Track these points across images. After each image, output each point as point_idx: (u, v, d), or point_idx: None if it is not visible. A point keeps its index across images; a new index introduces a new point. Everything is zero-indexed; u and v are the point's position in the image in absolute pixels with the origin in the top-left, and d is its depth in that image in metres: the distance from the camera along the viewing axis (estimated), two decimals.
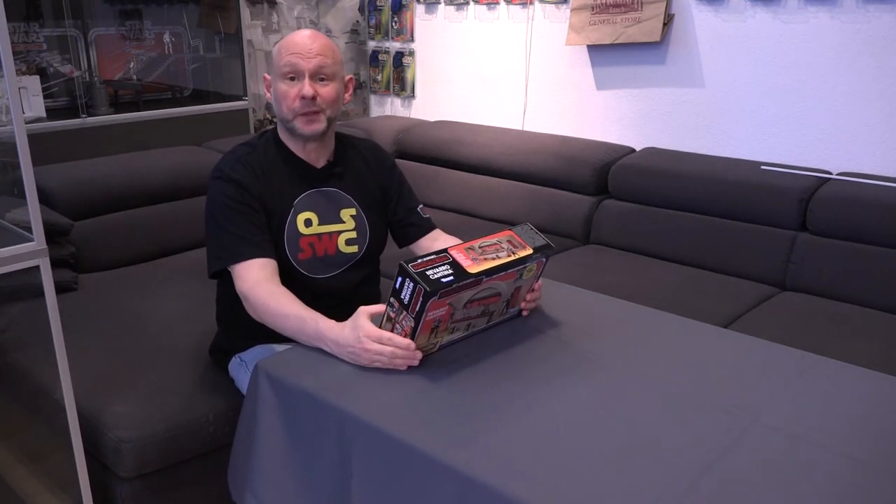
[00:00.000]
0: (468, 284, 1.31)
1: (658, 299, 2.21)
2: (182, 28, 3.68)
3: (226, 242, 1.54)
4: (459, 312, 1.37)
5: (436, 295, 1.26)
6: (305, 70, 1.57)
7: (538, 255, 1.43)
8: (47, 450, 2.01)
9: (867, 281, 2.25)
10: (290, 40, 1.59)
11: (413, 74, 3.87)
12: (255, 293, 1.48)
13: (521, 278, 1.44)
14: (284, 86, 1.58)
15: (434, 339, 1.38)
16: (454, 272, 1.30)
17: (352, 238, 1.68)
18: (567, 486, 1.03)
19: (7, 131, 1.45)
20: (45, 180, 2.46)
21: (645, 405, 1.23)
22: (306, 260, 1.63)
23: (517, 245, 1.44)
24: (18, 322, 2.08)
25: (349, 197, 1.70)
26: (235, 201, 1.55)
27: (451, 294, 1.30)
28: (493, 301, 1.43)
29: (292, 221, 1.62)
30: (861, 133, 2.50)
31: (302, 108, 1.57)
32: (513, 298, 1.49)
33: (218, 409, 1.75)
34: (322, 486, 1.29)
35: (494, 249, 1.41)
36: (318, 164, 1.68)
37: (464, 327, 1.42)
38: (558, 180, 2.95)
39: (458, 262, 1.34)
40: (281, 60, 1.58)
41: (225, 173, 1.58)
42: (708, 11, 2.76)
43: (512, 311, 1.53)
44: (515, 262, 1.39)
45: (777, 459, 1.09)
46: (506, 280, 1.40)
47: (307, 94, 1.56)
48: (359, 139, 1.81)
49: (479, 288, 1.35)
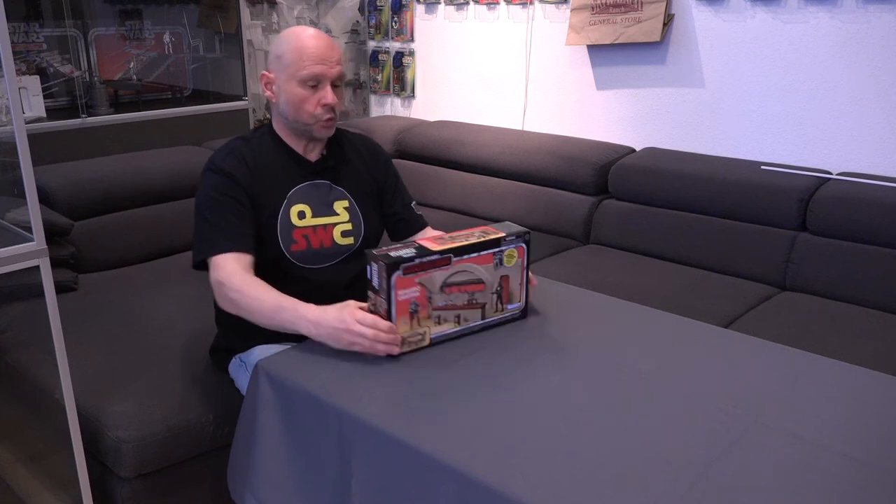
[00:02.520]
0: (434, 262, 1.35)
1: (658, 299, 2.21)
2: (182, 28, 3.68)
3: (207, 234, 1.57)
4: (439, 297, 1.38)
5: (398, 269, 1.31)
6: (328, 79, 1.59)
7: (512, 238, 1.45)
8: (47, 450, 2.01)
9: (867, 281, 2.25)
10: (307, 44, 1.58)
11: (413, 74, 3.87)
12: (231, 280, 1.49)
13: (503, 265, 1.45)
14: (304, 91, 1.59)
15: (419, 329, 1.39)
16: (417, 251, 1.36)
17: (347, 230, 1.70)
18: (567, 486, 1.03)
19: (7, 131, 1.45)
20: (45, 180, 2.47)
21: (645, 405, 1.23)
22: (300, 252, 1.64)
23: (489, 233, 1.46)
24: (18, 322, 2.08)
25: (342, 189, 1.71)
26: (221, 193, 1.58)
27: (416, 271, 1.33)
28: (478, 289, 1.44)
29: (285, 213, 1.64)
30: (861, 133, 2.50)
31: (324, 115, 1.61)
32: (504, 291, 1.48)
33: (218, 409, 1.76)
34: (322, 485, 1.29)
35: (465, 236, 1.45)
36: (312, 158, 1.70)
37: (453, 318, 1.43)
38: (558, 180, 2.95)
39: (423, 245, 1.39)
40: (303, 67, 1.58)
41: (215, 165, 1.61)
42: (708, 11, 2.76)
43: (512, 309, 1.52)
44: (486, 243, 1.41)
45: (777, 459, 1.09)
46: (482, 264, 1.42)
47: (333, 102, 1.60)
48: (354, 133, 1.83)
49: (452, 269, 1.38)
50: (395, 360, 1.38)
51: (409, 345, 1.40)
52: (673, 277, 2.47)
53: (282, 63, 1.60)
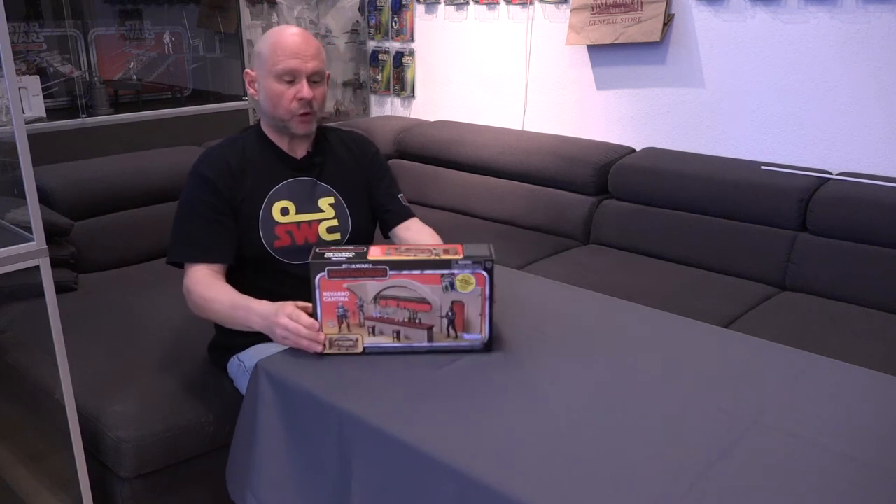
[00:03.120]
0: (366, 271, 1.32)
1: (658, 299, 2.21)
2: (182, 28, 3.68)
3: (182, 238, 1.63)
4: (372, 308, 1.36)
5: (323, 271, 1.31)
6: (304, 73, 1.61)
7: (466, 262, 1.33)
8: (47, 450, 2.01)
9: (867, 281, 2.25)
10: (284, 40, 1.61)
11: (413, 74, 3.87)
12: (196, 288, 1.58)
13: (454, 289, 1.35)
14: (280, 86, 1.62)
15: (350, 335, 1.38)
16: (352, 257, 1.34)
17: (333, 226, 1.71)
18: (567, 486, 1.03)
19: (7, 131, 1.45)
20: (45, 180, 2.47)
21: (645, 405, 1.23)
22: (283, 248, 1.66)
23: (451, 252, 1.36)
24: (18, 322, 2.08)
25: (327, 186, 1.73)
26: (199, 201, 1.62)
27: (344, 276, 1.32)
28: (422, 308, 1.36)
29: (266, 210, 1.66)
30: (861, 133, 2.50)
31: (299, 109, 1.63)
32: (458, 318, 1.38)
33: (218, 409, 1.76)
34: (322, 486, 1.29)
35: (420, 251, 1.37)
36: (298, 155, 1.72)
37: (391, 332, 1.38)
38: (558, 180, 2.95)
39: (367, 252, 1.36)
40: (277, 62, 1.60)
41: (199, 169, 1.65)
42: (708, 11, 2.76)
43: (470, 339, 1.40)
44: (431, 262, 1.33)
45: (777, 459, 1.09)
46: (427, 283, 1.34)
47: (307, 96, 1.62)
48: (345, 131, 1.84)
49: (387, 282, 1.34)
50: (394, 360, 1.38)
51: (338, 347, 1.40)
52: (673, 277, 2.47)
53: (261, 60, 1.64)
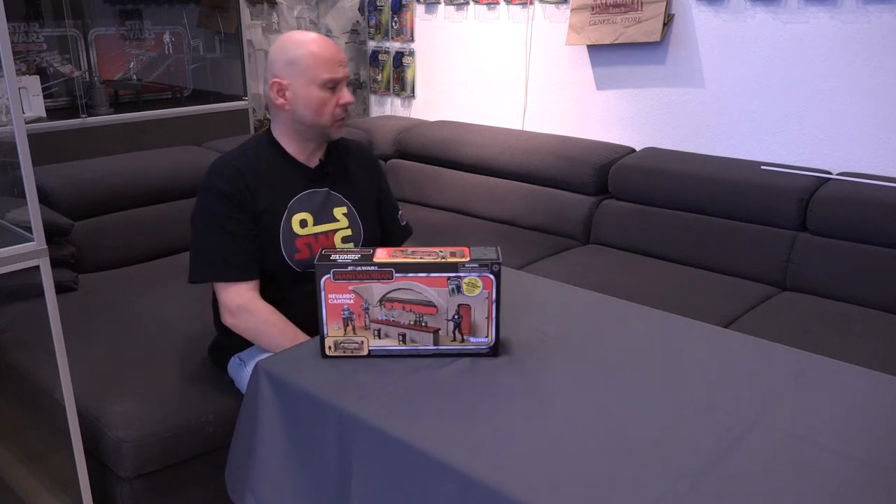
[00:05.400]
0: (372, 273, 1.31)
1: (658, 299, 2.21)
2: (182, 28, 3.68)
3: (211, 258, 1.60)
4: (378, 311, 1.35)
5: (328, 273, 1.29)
6: (343, 80, 1.66)
7: (473, 265, 1.32)
8: (47, 450, 2.01)
9: (867, 281, 2.25)
10: (325, 49, 1.61)
11: (413, 74, 3.87)
12: (254, 304, 1.60)
13: (461, 292, 1.34)
14: (325, 94, 1.63)
15: (355, 337, 1.37)
16: (357, 259, 1.32)
17: (347, 235, 1.72)
18: (567, 486, 1.03)
19: (7, 131, 1.45)
20: (45, 180, 2.47)
21: (645, 405, 1.23)
22: (303, 260, 1.66)
23: (457, 254, 1.35)
24: (18, 322, 2.08)
25: (340, 196, 1.73)
26: (224, 218, 1.59)
27: (350, 278, 1.30)
28: (428, 311, 1.36)
29: (287, 222, 1.65)
30: (861, 133, 2.50)
31: (342, 114, 1.67)
32: (465, 321, 1.37)
33: (218, 409, 1.76)
34: (322, 486, 1.29)
35: (427, 254, 1.36)
36: (312, 164, 1.71)
37: (396, 335, 1.38)
38: (558, 180, 2.95)
39: (373, 255, 1.35)
40: (322, 71, 1.60)
41: (215, 186, 1.61)
42: (708, 11, 2.76)
43: (476, 342, 1.39)
44: (438, 264, 1.32)
45: (777, 459, 1.09)
46: (434, 286, 1.33)
47: (352, 101, 1.67)
48: (349, 140, 1.85)
49: (393, 284, 1.33)
50: (394, 361, 1.38)
51: (344, 350, 1.39)
52: (673, 277, 2.47)
53: (297, 69, 1.61)
